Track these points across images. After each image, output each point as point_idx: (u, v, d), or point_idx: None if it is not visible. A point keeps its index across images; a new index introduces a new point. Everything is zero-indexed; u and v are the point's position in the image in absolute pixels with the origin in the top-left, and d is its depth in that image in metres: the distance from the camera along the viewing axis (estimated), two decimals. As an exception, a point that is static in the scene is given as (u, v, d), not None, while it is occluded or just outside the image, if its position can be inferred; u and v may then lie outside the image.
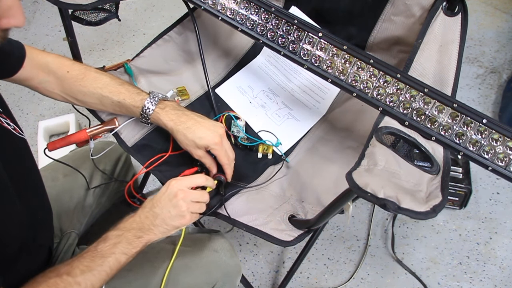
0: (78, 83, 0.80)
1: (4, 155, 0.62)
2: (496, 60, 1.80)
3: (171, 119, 0.78)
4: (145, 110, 0.78)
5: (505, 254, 1.29)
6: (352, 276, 1.26)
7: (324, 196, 0.84)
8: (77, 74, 0.80)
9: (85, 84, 0.80)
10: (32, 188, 0.71)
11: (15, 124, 0.68)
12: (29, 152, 0.71)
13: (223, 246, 0.83)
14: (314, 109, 1.03)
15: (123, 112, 0.83)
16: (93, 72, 0.82)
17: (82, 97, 0.81)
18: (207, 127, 0.78)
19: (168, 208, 0.68)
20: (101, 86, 0.80)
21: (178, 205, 0.68)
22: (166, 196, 0.69)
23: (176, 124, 0.78)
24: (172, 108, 0.80)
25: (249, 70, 1.10)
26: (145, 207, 0.70)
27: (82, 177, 0.94)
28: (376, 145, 0.65)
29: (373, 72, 0.76)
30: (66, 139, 0.84)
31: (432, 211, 0.52)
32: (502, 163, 0.66)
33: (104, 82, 0.80)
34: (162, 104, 0.80)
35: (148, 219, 0.69)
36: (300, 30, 0.83)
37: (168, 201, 0.69)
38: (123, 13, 0.98)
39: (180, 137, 0.78)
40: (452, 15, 0.82)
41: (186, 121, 0.78)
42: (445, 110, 0.70)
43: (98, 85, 0.80)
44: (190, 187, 0.71)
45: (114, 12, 0.97)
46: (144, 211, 0.69)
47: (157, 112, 0.78)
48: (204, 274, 0.79)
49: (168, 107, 0.79)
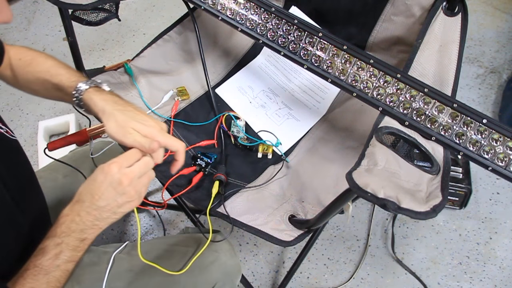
0: (26, 69, 0.75)
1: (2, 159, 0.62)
2: (496, 60, 1.80)
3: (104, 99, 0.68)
4: (77, 89, 0.69)
5: (505, 254, 1.29)
6: (352, 276, 1.26)
7: (324, 196, 0.84)
8: (26, 60, 0.75)
9: (30, 70, 0.75)
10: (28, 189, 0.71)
11: (6, 127, 0.68)
12: (23, 153, 0.70)
13: (223, 246, 0.83)
14: (314, 109, 1.03)
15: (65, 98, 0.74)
16: (42, 57, 0.76)
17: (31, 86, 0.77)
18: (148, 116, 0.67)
19: (114, 198, 0.59)
20: (44, 69, 0.74)
21: (125, 192, 0.59)
22: (108, 185, 0.59)
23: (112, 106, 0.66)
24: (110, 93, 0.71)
25: (249, 70, 1.10)
26: (83, 201, 0.59)
27: (82, 177, 0.94)
28: (376, 145, 0.65)
29: (373, 72, 0.76)
30: (66, 139, 0.84)
31: (432, 211, 0.52)
32: (502, 163, 0.66)
33: (48, 65, 0.75)
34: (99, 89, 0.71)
35: (91, 215, 0.59)
36: (300, 30, 0.83)
37: (112, 190, 0.59)
38: (123, 13, 0.98)
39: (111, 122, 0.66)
40: (452, 15, 0.82)
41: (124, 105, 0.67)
42: (445, 110, 0.70)
43: (41, 69, 0.75)
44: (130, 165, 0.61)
45: (114, 12, 0.97)
46: (84, 207, 0.59)
47: (89, 91, 0.69)
48: (204, 274, 0.79)
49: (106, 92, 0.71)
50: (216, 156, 0.91)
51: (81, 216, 0.59)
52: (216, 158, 0.91)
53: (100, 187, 0.59)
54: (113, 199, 0.60)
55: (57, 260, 0.57)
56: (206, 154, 0.91)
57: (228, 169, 0.90)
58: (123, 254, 0.79)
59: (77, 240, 0.59)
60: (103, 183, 0.59)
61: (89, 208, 0.59)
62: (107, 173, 0.60)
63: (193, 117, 1.00)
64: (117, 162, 0.60)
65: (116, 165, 0.60)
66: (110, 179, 0.59)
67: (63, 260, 0.58)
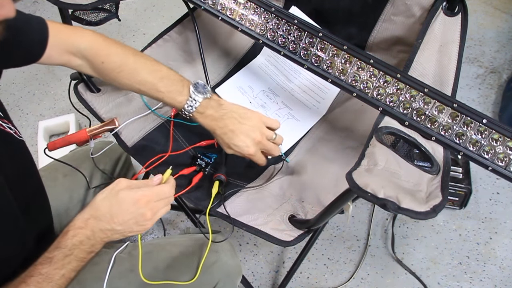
0: (114, 75, 0.77)
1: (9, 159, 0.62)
2: (496, 60, 1.80)
3: (210, 125, 0.78)
4: (185, 113, 0.79)
5: (505, 254, 1.29)
6: (352, 276, 1.26)
7: (324, 196, 0.84)
8: (113, 68, 0.77)
9: (121, 79, 0.77)
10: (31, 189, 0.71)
11: (15, 127, 0.68)
12: (29, 154, 0.71)
13: (223, 246, 0.83)
14: (314, 109, 1.03)
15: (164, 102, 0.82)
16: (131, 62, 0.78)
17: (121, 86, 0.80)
18: (245, 133, 0.77)
19: (131, 226, 0.62)
20: (138, 82, 0.77)
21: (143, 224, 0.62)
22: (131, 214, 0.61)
23: (215, 129, 0.78)
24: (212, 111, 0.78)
25: (249, 70, 1.10)
26: (100, 219, 0.60)
27: (82, 177, 0.94)
28: (376, 145, 0.65)
29: (373, 72, 0.76)
30: (66, 139, 0.84)
31: (432, 211, 0.52)
32: (502, 163, 0.66)
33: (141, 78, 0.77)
34: (202, 108, 0.78)
35: (104, 233, 0.61)
36: (300, 30, 0.83)
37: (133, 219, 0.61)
38: (123, 13, 0.98)
39: (219, 140, 0.80)
40: (452, 15, 0.82)
41: (224, 126, 0.77)
42: (445, 110, 0.70)
43: (135, 80, 0.77)
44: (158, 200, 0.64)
45: (114, 12, 0.97)
46: (100, 225, 0.60)
47: (196, 116, 0.79)
48: (205, 274, 0.79)
49: (208, 110, 0.78)
50: (216, 156, 0.91)
51: (94, 232, 0.61)
52: (216, 158, 0.91)
53: (123, 214, 0.61)
54: (130, 227, 0.62)
55: (63, 269, 0.58)
56: (206, 154, 0.91)
57: (228, 169, 0.89)
58: (124, 254, 0.79)
59: (86, 252, 0.61)
60: (127, 211, 0.61)
61: (105, 227, 0.61)
62: (135, 203, 0.61)
63: (193, 117, 1.00)
64: (148, 196, 0.62)
65: (146, 199, 0.62)
66: (136, 211, 0.61)
67: (68, 270, 0.59)
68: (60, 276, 0.58)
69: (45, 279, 0.57)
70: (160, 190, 0.64)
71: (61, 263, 0.58)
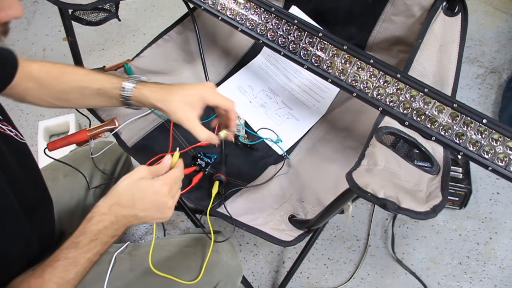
0: (59, 80, 0.77)
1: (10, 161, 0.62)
2: (496, 60, 1.80)
3: (155, 91, 0.74)
4: (125, 88, 0.74)
5: (505, 254, 1.29)
6: (352, 276, 1.26)
7: (324, 196, 0.84)
8: (57, 73, 0.78)
9: (65, 80, 0.77)
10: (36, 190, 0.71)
11: (16, 130, 0.68)
12: (31, 156, 0.71)
13: (224, 246, 0.83)
14: (314, 109, 1.03)
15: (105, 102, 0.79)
16: (71, 67, 0.80)
17: (64, 96, 0.79)
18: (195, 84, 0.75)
19: (153, 214, 0.65)
20: (80, 77, 0.77)
21: (164, 212, 0.65)
22: (153, 203, 0.64)
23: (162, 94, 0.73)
24: (154, 84, 0.76)
25: (249, 70, 1.10)
26: (124, 206, 0.63)
27: (82, 177, 0.94)
28: (376, 145, 0.65)
29: (373, 72, 0.76)
30: (66, 139, 0.84)
31: (432, 211, 0.52)
32: (502, 163, 0.66)
33: (83, 73, 0.78)
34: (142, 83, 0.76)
35: (127, 219, 0.64)
36: (300, 30, 0.83)
37: (155, 208, 0.64)
38: (123, 13, 0.98)
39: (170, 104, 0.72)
40: (452, 15, 0.82)
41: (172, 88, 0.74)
42: (445, 110, 0.70)
43: (76, 77, 0.78)
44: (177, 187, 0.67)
45: (114, 12, 0.97)
46: (123, 211, 0.63)
47: (138, 88, 0.74)
48: (206, 274, 0.79)
49: (150, 84, 0.75)
50: (216, 156, 0.91)
51: (117, 218, 0.63)
52: (216, 158, 0.91)
53: (145, 202, 0.63)
54: (151, 215, 0.64)
55: (89, 253, 0.61)
56: (206, 154, 0.91)
57: (228, 169, 0.89)
58: (124, 254, 0.79)
59: (109, 236, 0.63)
60: (149, 200, 0.63)
61: (128, 213, 0.63)
62: (156, 193, 0.64)
63: (193, 117, 1.00)
64: (168, 184, 0.65)
65: (167, 187, 0.64)
66: (158, 199, 0.64)
67: (93, 253, 0.61)
68: (86, 259, 0.61)
69: (71, 263, 0.59)
70: (175, 175, 0.67)
71: (87, 247, 0.61)
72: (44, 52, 1.97)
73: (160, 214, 0.65)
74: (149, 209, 0.64)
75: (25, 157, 0.69)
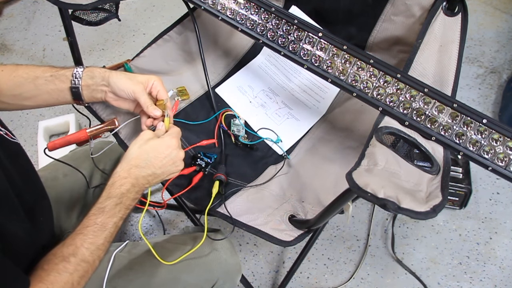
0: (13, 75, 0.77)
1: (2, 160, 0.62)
2: (496, 60, 1.80)
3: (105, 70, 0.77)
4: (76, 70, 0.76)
5: (505, 254, 1.29)
6: (352, 276, 1.26)
7: (324, 196, 0.84)
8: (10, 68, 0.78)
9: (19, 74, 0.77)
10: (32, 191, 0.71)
11: (6, 129, 0.68)
12: (24, 155, 0.70)
13: (223, 244, 0.83)
14: (314, 109, 1.03)
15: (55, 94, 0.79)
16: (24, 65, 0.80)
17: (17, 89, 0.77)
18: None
19: (169, 168, 0.71)
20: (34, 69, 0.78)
21: (178, 165, 0.72)
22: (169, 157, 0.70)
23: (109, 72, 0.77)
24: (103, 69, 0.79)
25: (249, 70, 1.10)
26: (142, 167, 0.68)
27: (82, 177, 0.94)
28: (376, 145, 0.65)
29: (373, 72, 0.76)
30: (66, 139, 0.84)
31: (432, 211, 0.52)
32: (502, 163, 0.66)
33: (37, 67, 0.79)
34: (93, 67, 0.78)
35: (146, 179, 0.68)
36: (300, 30, 0.83)
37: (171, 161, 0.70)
38: (123, 13, 0.98)
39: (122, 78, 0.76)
40: (452, 15, 0.82)
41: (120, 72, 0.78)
42: (445, 110, 0.70)
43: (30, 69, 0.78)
44: None
45: (114, 12, 0.97)
46: (142, 172, 0.68)
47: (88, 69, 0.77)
48: (205, 272, 0.79)
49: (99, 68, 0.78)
50: (216, 156, 0.91)
51: (138, 179, 0.67)
52: (216, 158, 0.91)
53: (160, 158, 0.69)
54: (168, 169, 0.70)
55: (114, 217, 0.64)
56: (206, 154, 0.91)
57: (228, 169, 0.90)
58: (123, 253, 0.79)
59: (131, 199, 0.67)
60: (163, 154, 0.69)
61: (146, 173, 0.68)
62: (170, 146, 0.70)
63: (193, 117, 1.00)
64: (176, 138, 0.72)
65: (176, 140, 0.72)
66: (171, 152, 0.70)
67: (119, 218, 0.65)
68: (112, 224, 0.63)
69: (100, 228, 0.62)
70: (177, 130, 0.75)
71: (113, 211, 0.64)
72: (44, 52, 1.97)
73: (175, 168, 0.71)
74: (165, 165, 0.69)
75: (17, 157, 0.68)
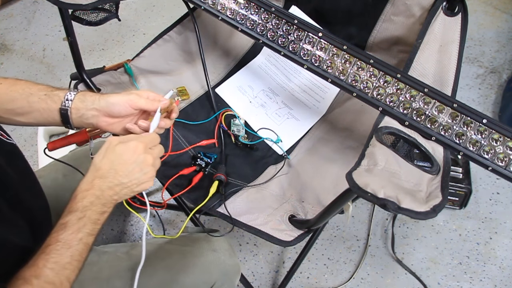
0: (10, 89, 0.74)
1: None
2: (496, 60, 1.80)
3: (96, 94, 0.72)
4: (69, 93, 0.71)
5: (505, 254, 1.29)
6: (352, 276, 1.26)
7: (324, 196, 0.84)
8: (10, 82, 0.75)
9: (15, 89, 0.74)
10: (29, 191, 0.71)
11: (2, 130, 0.67)
12: (21, 156, 0.70)
13: (222, 245, 0.83)
14: (314, 109, 1.03)
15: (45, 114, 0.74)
16: (23, 81, 0.76)
17: (11, 104, 0.74)
18: None
19: (137, 176, 0.63)
20: (30, 86, 0.74)
21: (148, 171, 0.63)
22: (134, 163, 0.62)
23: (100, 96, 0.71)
24: None
25: (249, 70, 1.10)
26: (106, 177, 0.61)
27: (82, 177, 0.93)
28: (376, 145, 0.64)
29: (373, 72, 0.76)
30: (66, 139, 0.84)
31: (432, 211, 0.52)
32: (502, 163, 0.66)
33: (34, 84, 0.75)
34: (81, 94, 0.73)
35: (112, 190, 0.62)
36: (300, 30, 0.83)
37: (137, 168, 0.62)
38: (123, 13, 0.98)
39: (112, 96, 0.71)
40: (452, 15, 0.82)
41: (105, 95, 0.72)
42: (445, 110, 0.70)
43: (27, 86, 0.74)
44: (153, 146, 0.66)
45: (114, 12, 0.97)
46: (106, 182, 0.61)
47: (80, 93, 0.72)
48: (203, 273, 0.79)
49: None
50: (216, 156, 0.91)
51: (102, 190, 0.61)
52: (216, 158, 0.91)
53: (126, 165, 0.62)
54: (136, 177, 0.62)
55: (79, 233, 0.58)
56: (206, 154, 0.91)
57: (228, 169, 0.90)
58: (122, 254, 0.79)
59: (98, 213, 0.61)
60: (129, 161, 0.62)
61: (112, 183, 0.61)
62: (134, 152, 0.62)
63: (193, 117, 1.00)
64: (143, 142, 0.63)
65: (143, 145, 0.63)
66: (136, 158, 0.62)
67: (85, 234, 0.59)
68: (78, 241, 0.58)
69: (63, 245, 0.57)
70: (150, 137, 0.66)
71: (76, 226, 0.59)
72: (44, 52, 1.97)
73: (144, 175, 0.63)
74: (131, 172, 0.62)
75: (13, 158, 0.68)
